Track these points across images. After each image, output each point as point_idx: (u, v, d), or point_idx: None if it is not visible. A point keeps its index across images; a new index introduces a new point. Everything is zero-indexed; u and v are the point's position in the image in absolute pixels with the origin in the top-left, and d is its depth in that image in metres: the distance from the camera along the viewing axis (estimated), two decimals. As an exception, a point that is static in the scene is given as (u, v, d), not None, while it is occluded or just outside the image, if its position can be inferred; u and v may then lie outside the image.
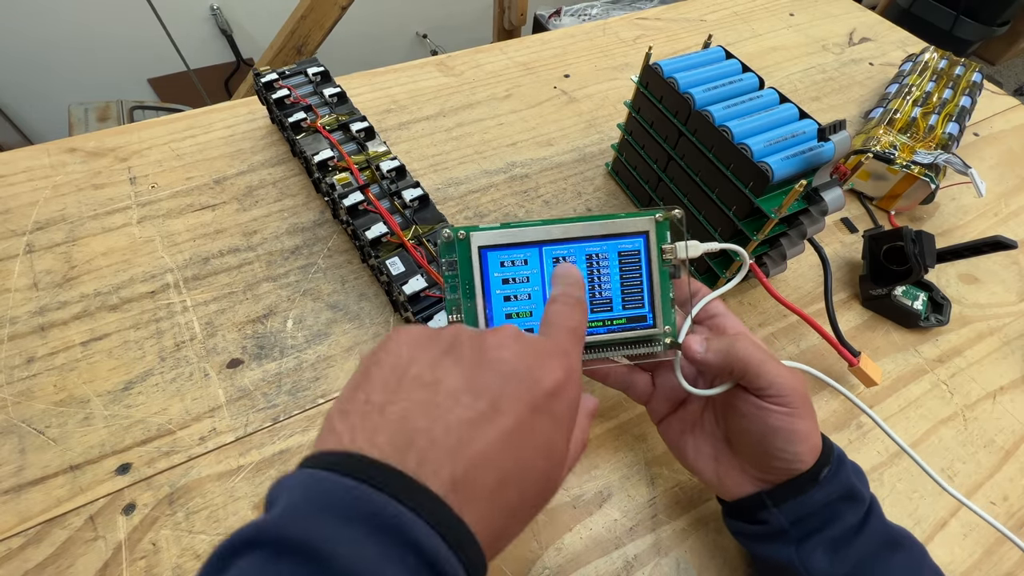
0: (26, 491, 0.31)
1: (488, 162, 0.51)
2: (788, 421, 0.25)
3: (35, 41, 1.23)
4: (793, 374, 0.26)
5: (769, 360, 0.26)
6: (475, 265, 0.27)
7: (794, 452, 0.25)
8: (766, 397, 0.26)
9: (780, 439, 0.26)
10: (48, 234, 0.42)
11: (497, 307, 0.28)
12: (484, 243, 0.27)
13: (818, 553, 0.25)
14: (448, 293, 0.28)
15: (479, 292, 0.27)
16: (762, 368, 0.25)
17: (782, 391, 0.25)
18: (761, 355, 0.26)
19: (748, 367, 0.26)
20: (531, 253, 0.28)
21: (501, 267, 0.28)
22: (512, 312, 0.28)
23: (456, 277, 0.28)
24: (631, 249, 0.28)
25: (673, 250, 0.29)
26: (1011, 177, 0.57)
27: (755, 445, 0.27)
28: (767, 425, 0.26)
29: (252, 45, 1.48)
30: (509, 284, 0.28)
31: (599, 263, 0.28)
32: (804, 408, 0.26)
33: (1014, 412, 0.40)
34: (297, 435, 0.34)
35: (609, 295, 0.29)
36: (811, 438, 0.26)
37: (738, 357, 0.26)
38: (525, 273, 0.28)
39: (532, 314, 0.28)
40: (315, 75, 0.49)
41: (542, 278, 0.28)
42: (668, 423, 0.31)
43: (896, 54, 0.71)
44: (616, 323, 0.29)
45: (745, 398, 0.26)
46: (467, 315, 0.28)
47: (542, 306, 0.28)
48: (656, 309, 0.29)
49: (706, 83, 0.39)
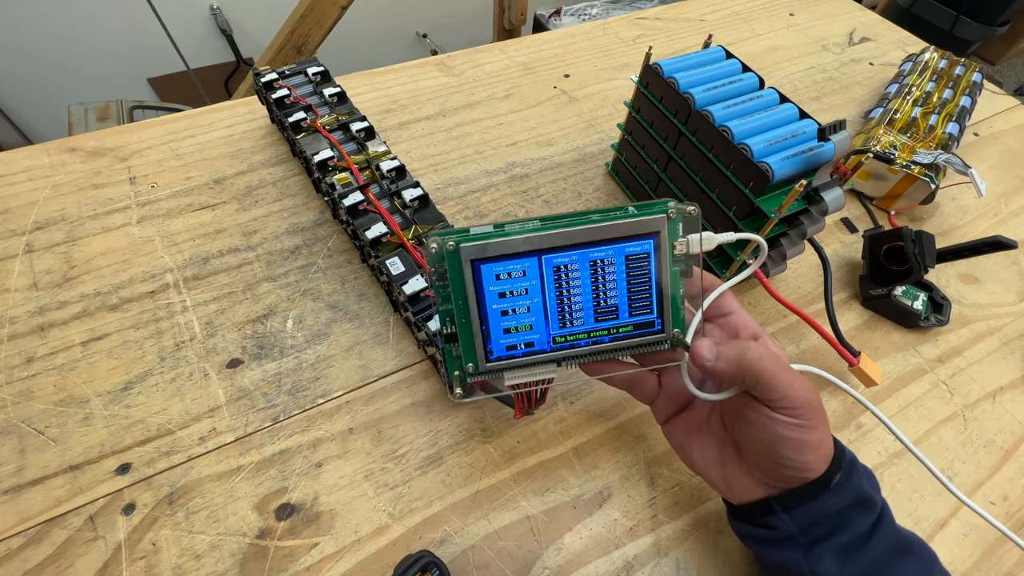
0: (26, 491, 0.31)
1: (488, 162, 0.51)
2: (799, 432, 0.24)
3: (35, 41, 1.23)
4: (805, 384, 0.25)
5: (782, 371, 0.24)
6: (468, 280, 0.25)
7: (803, 462, 0.25)
8: (777, 409, 0.24)
9: (790, 449, 0.25)
10: (48, 234, 0.42)
11: (494, 322, 0.26)
12: (477, 256, 0.24)
13: (827, 559, 0.25)
14: (441, 303, 0.26)
15: (474, 309, 0.25)
16: (775, 380, 0.24)
17: (794, 403, 0.24)
18: (774, 365, 0.24)
19: (760, 378, 0.24)
20: (530, 263, 0.25)
21: (497, 280, 0.25)
22: (511, 326, 0.26)
23: (447, 288, 0.25)
24: (639, 252, 0.26)
25: (686, 243, 0.26)
26: (1011, 177, 0.57)
27: (764, 454, 0.26)
28: (777, 434, 0.25)
29: (252, 45, 1.48)
30: (506, 298, 0.25)
31: (604, 270, 0.26)
32: (816, 419, 0.25)
33: (1014, 412, 0.40)
34: (297, 435, 0.34)
35: (615, 303, 0.26)
36: (822, 446, 0.25)
37: (750, 367, 0.24)
38: (523, 285, 0.25)
39: (532, 327, 0.26)
40: (315, 75, 0.49)
41: (541, 289, 0.25)
42: (673, 424, 0.30)
43: (896, 54, 0.71)
44: (623, 331, 0.27)
45: (754, 407, 0.25)
46: (461, 331, 0.26)
47: (542, 318, 0.26)
48: (665, 314, 0.27)
49: (706, 83, 0.39)
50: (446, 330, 0.26)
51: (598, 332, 0.27)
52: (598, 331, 0.27)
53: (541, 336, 0.26)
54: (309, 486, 0.32)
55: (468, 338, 0.26)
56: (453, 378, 0.27)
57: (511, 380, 0.27)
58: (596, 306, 0.26)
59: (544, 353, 0.27)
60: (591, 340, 0.27)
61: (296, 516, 0.31)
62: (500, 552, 0.31)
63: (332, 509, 0.32)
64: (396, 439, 0.35)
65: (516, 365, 0.27)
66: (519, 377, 0.27)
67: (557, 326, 0.26)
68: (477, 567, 0.31)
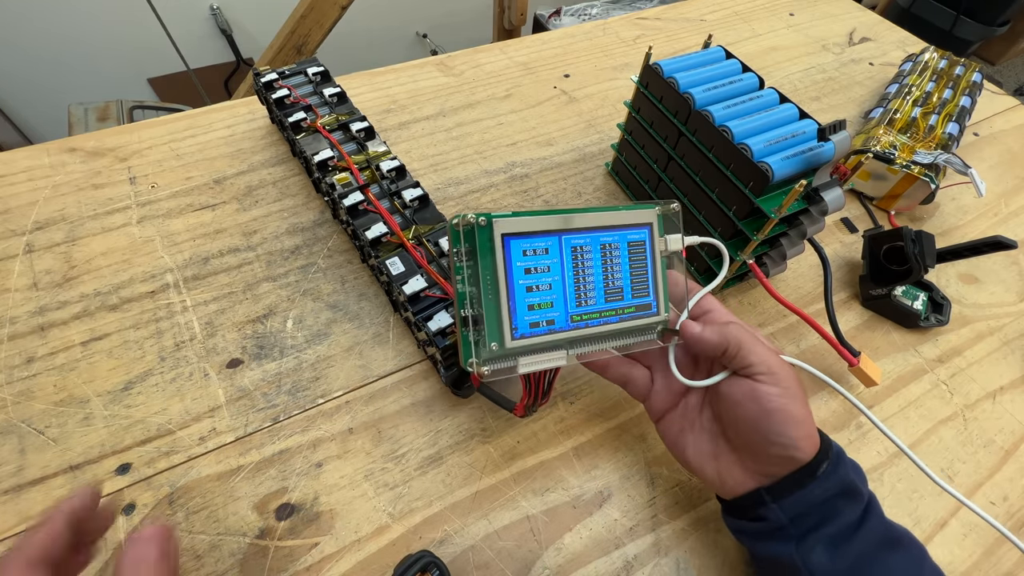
0: (26, 491, 0.31)
1: (488, 162, 0.51)
2: (781, 402, 0.26)
3: (35, 41, 1.23)
4: (782, 360, 0.28)
5: (759, 344, 0.28)
6: (498, 254, 0.25)
7: (789, 436, 0.26)
8: (756, 375, 0.27)
9: (775, 422, 0.26)
10: (48, 234, 0.42)
11: (520, 300, 0.26)
12: (508, 230, 0.25)
13: (818, 550, 0.25)
14: (460, 285, 0.26)
15: (503, 284, 0.26)
16: (754, 347, 0.27)
17: (771, 368, 0.27)
18: (751, 337, 0.28)
19: (742, 344, 0.27)
20: (552, 242, 0.27)
21: (523, 256, 0.26)
22: (534, 303, 0.26)
23: (473, 267, 0.26)
24: (638, 239, 0.29)
25: (664, 242, 0.30)
26: (1011, 177, 0.57)
27: (751, 432, 0.27)
28: (760, 407, 0.26)
29: (252, 45, 1.48)
30: (531, 274, 0.26)
31: (612, 253, 0.28)
32: (794, 389, 0.27)
33: (1014, 412, 0.40)
34: (297, 435, 0.34)
35: (620, 284, 0.29)
36: (805, 425, 0.26)
37: (732, 334, 0.28)
38: (546, 263, 0.27)
39: (553, 304, 0.27)
40: (315, 75, 0.49)
41: (562, 268, 0.27)
42: (667, 421, 0.31)
43: (896, 54, 0.71)
44: (627, 312, 0.29)
45: (739, 382, 0.27)
46: (487, 308, 0.26)
47: (562, 296, 0.27)
48: (659, 296, 0.30)
49: (706, 83, 0.39)
50: (465, 312, 0.26)
51: (608, 312, 0.29)
52: (608, 311, 0.29)
53: (561, 314, 0.27)
54: (309, 486, 0.32)
55: (493, 316, 0.26)
56: (469, 363, 0.26)
57: (524, 368, 0.27)
58: (606, 286, 0.28)
59: (564, 331, 0.27)
60: (602, 320, 0.28)
61: (296, 516, 0.31)
62: (500, 552, 0.31)
63: (332, 509, 0.32)
64: (396, 439, 0.35)
65: (534, 348, 0.27)
66: (531, 365, 0.27)
67: (575, 304, 0.28)
68: (477, 567, 0.31)
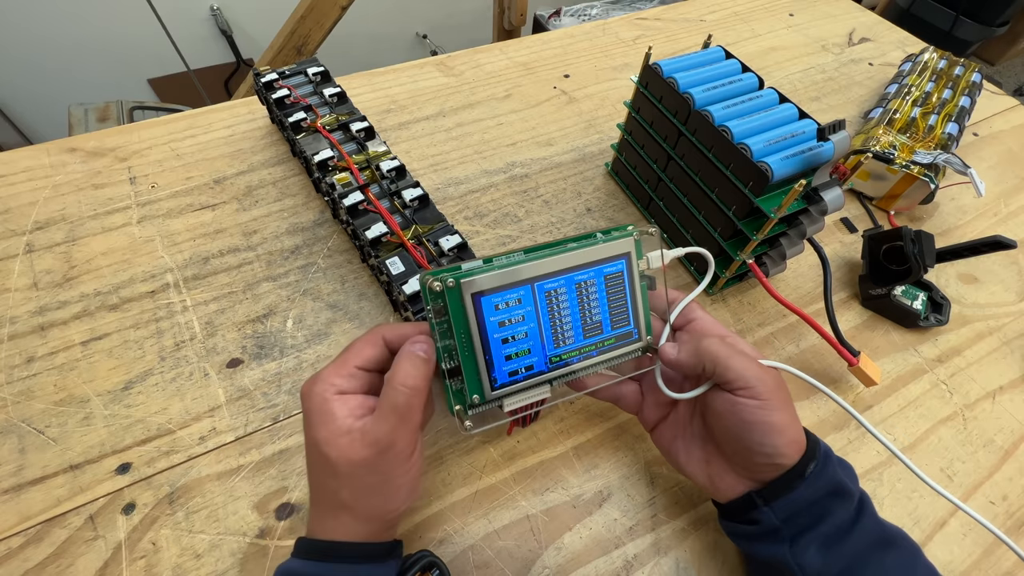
0: (26, 491, 0.31)
1: (488, 162, 0.51)
2: (761, 414, 0.26)
3: (35, 41, 1.23)
4: (763, 368, 0.27)
5: (736, 355, 0.27)
6: (470, 313, 0.25)
7: (772, 445, 0.26)
8: (736, 391, 0.26)
9: (756, 433, 0.26)
10: (48, 234, 0.42)
11: (497, 352, 0.26)
12: (477, 289, 0.25)
13: (811, 550, 0.25)
14: (437, 340, 0.26)
15: (477, 341, 0.26)
16: (729, 362, 0.26)
17: (749, 382, 0.26)
18: (727, 351, 0.27)
19: (717, 361, 0.27)
20: (524, 292, 0.26)
21: (496, 311, 0.26)
22: (511, 352, 0.27)
23: (446, 323, 0.26)
24: (615, 272, 0.28)
25: (646, 260, 0.29)
26: (1010, 177, 0.57)
27: (735, 442, 0.27)
28: (741, 420, 0.26)
29: (252, 45, 1.48)
30: (505, 327, 0.26)
31: (588, 290, 0.28)
32: (776, 399, 0.26)
33: (1013, 412, 0.40)
34: (297, 435, 0.34)
35: (599, 319, 0.29)
36: (789, 431, 0.26)
37: (706, 352, 0.27)
38: (520, 312, 0.27)
39: (530, 351, 0.27)
40: (315, 75, 0.49)
41: (536, 314, 0.27)
42: (659, 431, 0.32)
43: (896, 54, 0.71)
44: (607, 344, 0.29)
45: (720, 396, 0.27)
46: (465, 362, 0.26)
47: (538, 341, 0.27)
48: (640, 323, 0.30)
49: (706, 83, 0.39)
50: (446, 365, 0.27)
51: (587, 348, 0.29)
52: (587, 347, 0.29)
53: (539, 358, 0.28)
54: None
55: (472, 370, 0.27)
56: (457, 412, 0.27)
57: (510, 406, 0.28)
58: (584, 324, 0.28)
59: (543, 374, 0.28)
60: (582, 356, 0.29)
61: (296, 516, 0.31)
62: (500, 552, 0.31)
63: (332, 509, 0.32)
64: (396, 439, 0.35)
65: (516, 390, 0.28)
66: (517, 401, 0.28)
67: (552, 346, 0.28)
68: (477, 567, 0.31)
